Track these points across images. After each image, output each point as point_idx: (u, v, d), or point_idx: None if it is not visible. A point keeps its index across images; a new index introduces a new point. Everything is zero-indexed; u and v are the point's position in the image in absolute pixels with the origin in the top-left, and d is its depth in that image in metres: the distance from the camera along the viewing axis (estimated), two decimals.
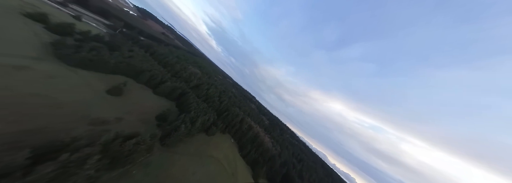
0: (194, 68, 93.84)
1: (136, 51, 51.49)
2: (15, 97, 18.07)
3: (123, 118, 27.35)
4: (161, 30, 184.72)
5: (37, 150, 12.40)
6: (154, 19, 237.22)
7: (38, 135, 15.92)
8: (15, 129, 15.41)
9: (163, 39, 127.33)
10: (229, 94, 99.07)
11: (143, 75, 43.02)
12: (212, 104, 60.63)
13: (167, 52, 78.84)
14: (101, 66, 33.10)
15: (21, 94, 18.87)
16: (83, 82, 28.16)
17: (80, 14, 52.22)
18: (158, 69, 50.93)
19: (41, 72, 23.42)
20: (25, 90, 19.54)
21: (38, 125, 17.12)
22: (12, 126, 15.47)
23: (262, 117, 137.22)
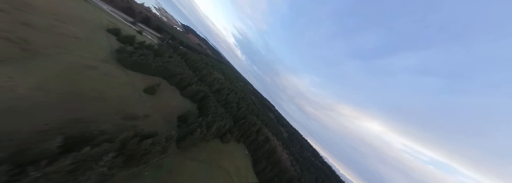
0: (218, 73, 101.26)
1: (174, 58, 60.18)
2: (78, 89, 22.32)
3: (150, 115, 29.68)
4: (197, 41, 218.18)
5: (69, 139, 13.27)
6: (194, 33, 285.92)
7: (81, 124, 18.24)
8: (69, 117, 18.27)
9: (198, 49, 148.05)
10: (248, 101, 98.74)
11: (175, 78, 48.48)
12: (230, 109, 60.77)
13: (198, 59, 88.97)
14: (145, 68, 39.24)
15: (83, 88, 23.25)
16: (129, 81, 33.42)
17: (142, 30, 67.73)
18: (188, 73, 56.82)
19: (103, 71, 29.17)
20: (87, 85, 24.09)
21: (85, 115, 19.95)
22: (68, 114, 18.45)
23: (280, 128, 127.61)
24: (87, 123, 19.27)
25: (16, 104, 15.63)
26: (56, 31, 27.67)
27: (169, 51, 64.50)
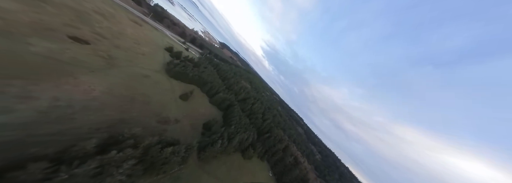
0: (245, 82, 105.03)
1: (208, 68, 68.11)
2: (133, 94, 27.09)
3: (180, 121, 31.63)
4: (230, 55, 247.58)
5: (104, 140, 14.17)
6: (228, 48, 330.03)
7: (124, 125, 20.79)
8: (119, 117, 21.51)
9: (229, 60, 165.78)
10: (274, 112, 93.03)
11: (206, 86, 53.05)
12: (254, 120, 57.87)
13: (228, 69, 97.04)
14: (183, 77, 45.28)
15: (137, 93, 28.13)
16: (170, 88, 38.84)
17: (189, 47, 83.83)
18: (217, 82, 61.42)
19: (153, 79, 35.43)
20: (140, 91, 29.13)
21: (131, 116, 23.07)
22: (119, 114, 21.84)
23: (311, 147, 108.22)
24: (129, 123, 21.94)
25: (89, 104, 19.86)
26: (132, 50, 37.49)
27: (205, 63, 74.44)
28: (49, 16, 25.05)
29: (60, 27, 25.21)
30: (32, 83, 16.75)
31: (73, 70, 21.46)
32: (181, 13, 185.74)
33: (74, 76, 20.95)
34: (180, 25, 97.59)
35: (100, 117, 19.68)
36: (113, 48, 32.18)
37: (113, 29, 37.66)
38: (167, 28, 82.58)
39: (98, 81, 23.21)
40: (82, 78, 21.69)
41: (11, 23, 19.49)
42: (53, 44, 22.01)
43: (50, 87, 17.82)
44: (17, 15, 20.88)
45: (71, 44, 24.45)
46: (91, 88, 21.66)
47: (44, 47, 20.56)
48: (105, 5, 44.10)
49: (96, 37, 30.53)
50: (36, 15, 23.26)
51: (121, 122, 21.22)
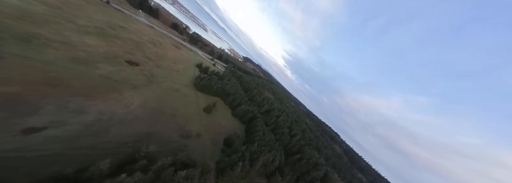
0: (268, 93, 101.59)
1: (232, 80, 70.75)
2: (163, 107, 29.03)
3: (201, 135, 30.59)
4: (252, 67, 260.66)
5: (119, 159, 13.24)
6: (250, 61, 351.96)
7: (150, 139, 20.97)
8: (146, 130, 22.30)
9: (252, 72, 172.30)
10: (302, 126, 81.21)
11: (229, 98, 53.35)
12: (280, 136, 50.71)
13: (250, 80, 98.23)
14: (208, 90, 47.42)
15: (167, 105, 30.11)
16: (196, 100, 40.70)
17: (216, 63, 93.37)
18: (240, 93, 61.22)
19: (182, 93, 38.28)
20: (170, 104, 31.21)
21: (157, 130, 23.66)
22: (147, 128, 22.76)
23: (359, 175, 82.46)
24: (154, 137, 22.16)
25: (125, 117, 21.67)
26: (169, 68, 43.64)
27: (229, 75, 78.70)
28: (117, 47, 32.90)
29: (122, 54, 32.31)
30: (88, 100, 19.87)
31: (121, 87, 25.28)
32: (212, 37, 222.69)
33: (120, 92, 24.33)
34: (210, 46, 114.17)
35: (130, 130, 20.66)
36: (155, 67, 38.18)
37: (158, 53, 46.17)
38: (200, 49, 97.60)
39: (137, 96, 26.21)
40: (126, 94, 24.94)
41: (90, 54, 26.08)
42: (113, 67, 27.52)
43: (100, 103, 20.71)
44: (96, 48, 28.15)
45: (125, 67, 30.16)
46: (130, 102, 24.25)
47: (106, 70, 25.77)
48: (156, 36, 56.98)
49: (145, 60, 37.42)
50: (108, 47, 30.94)
51: (147, 136, 21.62)
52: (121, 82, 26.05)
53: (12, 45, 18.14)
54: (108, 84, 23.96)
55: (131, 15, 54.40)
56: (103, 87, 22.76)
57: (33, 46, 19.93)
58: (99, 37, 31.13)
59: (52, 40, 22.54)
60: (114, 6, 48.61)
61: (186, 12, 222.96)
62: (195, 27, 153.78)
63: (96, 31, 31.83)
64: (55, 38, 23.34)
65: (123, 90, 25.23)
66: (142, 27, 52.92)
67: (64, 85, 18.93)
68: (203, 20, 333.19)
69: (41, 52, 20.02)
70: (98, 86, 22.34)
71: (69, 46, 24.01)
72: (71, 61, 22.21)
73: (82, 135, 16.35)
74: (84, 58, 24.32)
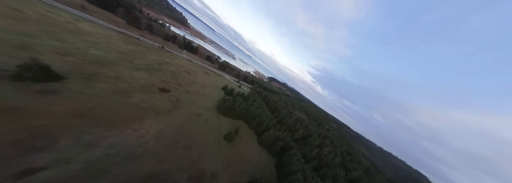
0: (300, 113, 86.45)
1: (257, 101, 66.01)
2: (180, 135, 25.79)
3: (217, 176, 23.09)
4: (278, 86, 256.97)
5: None
6: (275, 80, 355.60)
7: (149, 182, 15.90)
8: (151, 169, 17.93)
9: (278, 91, 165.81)
10: (358, 157, 56.13)
11: (254, 121, 46.32)
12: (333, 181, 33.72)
13: (277, 99, 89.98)
14: (231, 113, 43.35)
15: (184, 134, 26.88)
16: (217, 126, 36.44)
17: (241, 84, 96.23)
18: (266, 115, 53.26)
19: (204, 117, 35.69)
20: (188, 131, 28.03)
21: (162, 169, 18.91)
22: (152, 166, 18.52)
23: None
24: (157, 181, 16.99)
25: (134, 150, 18.84)
26: (196, 93, 45.28)
27: (254, 96, 75.52)
28: (156, 78, 37.75)
29: (158, 83, 36.13)
30: (107, 130, 18.98)
31: (144, 114, 24.97)
32: (239, 63, 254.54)
33: (141, 120, 23.47)
34: (236, 70, 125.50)
35: (133, 170, 16.78)
36: (183, 93, 40.01)
37: (190, 80, 50.97)
38: (227, 74, 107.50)
39: (156, 123, 24.71)
40: (146, 122, 23.87)
41: (132, 85, 29.61)
42: (145, 95, 29.48)
43: (116, 133, 19.43)
44: (139, 80, 32.51)
45: (156, 94, 32.20)
46: (146, 131, 22.31)
47: (138, 98, 27.38)
48: (192, 66, 67.05)
49: (176, 86, 40.57)
50: (149, 78, 35.69)
51: (149, 179, 16.76)
52: (147, 110, 26.18)
53: (74, 83, 21.96)
54: (134, 112, 24.09)
55: (177, 54, 69.84)
56: (128, 116, 22.61)
57: (90, 82, 23.85)
58: (145, 71, 37.36)
59: (107, 77, 27.26)
60: (166, 49, 64.59)
61: (220, 48, 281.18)
62: (225, 57, 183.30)
63: (145, 67, 38.97)
64: (111, 75, 28.42)
65: (146, 117, 24.55)
66: (182, 61, 64.78)
67: (93, 116, 19.28)
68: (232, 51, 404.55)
69: (93, 87, 23.35)
70: (124, 115, 22.39)
71: (118, 80, 28.28)
72: (112, 92, 24.82)
73: (76, 178, 13.34)
74: (125, 89, 27.28)
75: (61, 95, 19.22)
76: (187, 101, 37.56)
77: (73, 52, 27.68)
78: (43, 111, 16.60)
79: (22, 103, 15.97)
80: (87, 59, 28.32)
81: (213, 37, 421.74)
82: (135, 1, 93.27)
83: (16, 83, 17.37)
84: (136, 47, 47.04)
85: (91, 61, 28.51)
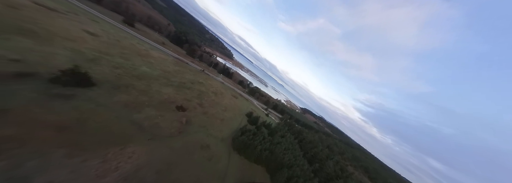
0: (357, 171, 55.48)
1: (287, 137, 50.07)
2: (162, 181, 16.60)
3: None
4: (313, 120, 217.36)
5: None
6: (310, 113, 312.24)
7: None
8: None
9: (314, 126, 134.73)
10: None
11: (281, 173, 30.04)
12: None
13: (317, 139, 66.99)
14: (249, 151, 31.09)
15: (168, 179, 17.55)
16: (222, 171, 24.76)
17: (269, 113, 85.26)
18: (301, 166, 35.04)
19: (210, 153, 26.07)
20: (175, 175, 18.72)
21: None
22: None
23: None
24: None
25: None
26: (215, 116, 39.50)
27: (284, 129, 60.16)
28: (181, 95, 36.84)
29: (179, 100, 34.19)
30: (67, 155, 13.69)
31: (135, 137, 19.54)
32: (270, 90, 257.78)
33: (124, 145, 17.58)
34: (266, 96, 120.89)
35: None
36: (200, 114, 35.17)
37: (214, 101, 48.30)
38: (256, 99, 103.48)
39: (139, 153, 17.88)
40: (129, 149, 17.66)
41: (151, 99, 28.18)
42: (157, 112, 26.15)
43: (74, 163, 13.58)
44: (163, 95, 31.68)
45: (170, 112, 28.61)
46: (116, 167, 15.28)
47: (146, 114, 23.94)
48: (222, 88, 68.63)
49: (196, 106, 37.26)
50: (174, 95, 34.93)
51: None
52: (143, 131, 21.09)
53: (98, 91, 21.88)
54: (127, 132, 19.28)
55: (213, 76, 77.46)
56: (114, 136, 17.67)
57: (114, 92, 23.65)
58: (175, 88, 38.17)
59: (135, 89, 27.57)
60: (206, 72, 73.49)
61: (254, 75, 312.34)
62: (257, 83, 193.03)
63: (177, 84, 40.65)
64: (141, 87, 29.01)
65: (134, 142, 18.72)
66: (215, 83, 68.72)
67: (72, 131, 15.42)
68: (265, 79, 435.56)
69: (111, 97, 22.51)
70: (112, 134, 17.73)
71: (142, 93, 27.90)
72: (125, 105, 22.92)
73: None
74: (140, 103, 25.47)
75: (68, 101, 18.07)
76: (199, 124, 31.27)
77: (126, 67, 32.47)
78: (27, 116, 14.32)
79: (17, 105, 14.61)
80: (132, 73, 31.81)
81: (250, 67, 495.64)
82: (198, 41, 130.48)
83: (45, 85, 17.92)
84: (181, 69, 54.60)
85: (134, 75, 31.55)
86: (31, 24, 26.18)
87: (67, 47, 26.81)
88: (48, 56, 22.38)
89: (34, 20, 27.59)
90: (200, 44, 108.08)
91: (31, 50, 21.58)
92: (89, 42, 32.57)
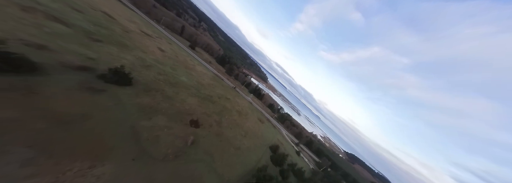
0: None
1: None
2: None
3: None
4: (371, 179, 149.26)
5: None
6: (362, 164, 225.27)
7: None
8: None
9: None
10: None
11: None
12: None
13: None
14: None
15: None
16: None
17: (301, 151, 65.56)
18: None
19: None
20: None
21: None
22: None
23: None
24: None
25: None
26: (230, 141, 32.05)
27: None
28: (202, 108, 34.44)
29: (197, 114, 31.23)
30: (31, 164, 10.56)
31: (118, 152, 15.46)
32: (303, 120, 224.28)
33: (95, 164, 13.40)
34: (298, 127, 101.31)
35: None
36: (213, 135, 29.33)
37: (236, 121, 42.44)
38: (285, 128, 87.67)
39: (107, 179, 12.70)
40: (99, 168, 13.28)
41: (170, 107, 26.59)
42: (166, 122, 23.14)
43: (19, 176, 9.98)
44: (184, 105, 30.13)
45: (180, 125, 24.98)
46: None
47: (153, 123, 21.14)
48: (248, 109, 63.61)
49: (213, 124, 32.51)
50: (196, 106, 32.96)
51: None
52: (136, 144, 17.18)
53: (128, 90, 22.60)
54: (117, 142, 15.91)
55: (243, 95, 76.74)
56: (96, 146, 14.44)
57: (141, 93, 23.98)
58: (200, 99, 37.16)
59: (163, 94, 27.77)
60: (237, 90, 74.57)
61: (287, 101, 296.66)
62: (289, 110, 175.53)
63: (203, 96, 40.08)
64: (168, 94, 29.25)
65: (113, 159, 14.53)
66: (242, 101, 65.89)
67: (63, 128, 13.54)
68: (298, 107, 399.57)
69: (136, 98, 22.41)
70: (97, 142, 14.74)
71: (165, 99, 27.37)
72: (140, 108, 21.77)
73: None
74: (157, 109, 23.98)
75: (93, 95, 18.29)
76: (206, 150, 24.58)
77: (168, 74, 36.13)
78: (42, 102, 14.08)
79: (48, 90, 15.19)
80: (170, 80, 34.37)
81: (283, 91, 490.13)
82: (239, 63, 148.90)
83: (91, 79, 19.83)
84: (214, 83, 57.47)
85: (170, 82, 33.72)
86: (126, 40, 36.66)
87: (136, 56, 33.80)
88: (117, 59, 27.78)
89: (131, 39, 38.99)
90: (239, 65, 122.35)
91: (110, 54, 27.76)
92: (155, 55, 41.06)
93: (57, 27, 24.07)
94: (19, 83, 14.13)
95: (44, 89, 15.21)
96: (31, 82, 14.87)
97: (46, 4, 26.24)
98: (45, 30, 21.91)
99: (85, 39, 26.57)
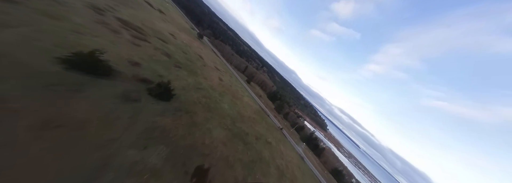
0: None
1: None
2: None
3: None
4: None
5: None
6: None
7: None
8: None
9: None
10: None
11: None
12: None
13: None
14: None
15: None
16: None
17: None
18: None
19: None
20: None
21: None
22: None
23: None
24: None
25: None
26: None
27: None
28: (226, 150, 25.99)
29: (214, 158, 22.73)
30: None
31: None
32: None
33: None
34: None
35: None
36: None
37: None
38: None
39: None
40: None
41: (187, 138, 21.17)
42: (158, 162, 16.56)
43: None
44: (205, 139, 23.82)
45: (175, 172, 17.02)
46: None
47: (140, 158, 15.35)
48: (296, 166, 42.95)
49: (224, 174, 20.79)
50: (219, 144, 25.40)
51: None
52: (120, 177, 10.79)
53: (160, 106, 21.55)
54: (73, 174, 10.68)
55: (291, 142, 58.32)
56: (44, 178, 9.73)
57: (169, 113, 22.03)
58: (230, 135, 29.80)
59: (190, 118, 24.60)
60: (283, 132, 59.58)
61: (364, 170, 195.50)
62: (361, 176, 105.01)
63: (236, 132, 32.49)
64: (196, 118, 25.92)
65: None
66: (290, 152, 47.72)
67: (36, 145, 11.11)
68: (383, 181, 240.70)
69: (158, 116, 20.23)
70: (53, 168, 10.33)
71: (188, 126, 23.31)
72: (149, 130, 18.11)
73: None
74: (166, 135, 19.45)
75: (123, 105, 17.69)
76: None
77: (212, 99, 35.79)
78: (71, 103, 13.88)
79: (89, 91, 15.91)
80: (210, 105, 32.90)
81: (354, 151, 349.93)
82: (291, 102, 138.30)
83: (139, 89, 21.22)
84: (257, 117, 50.10)
85: (209, 107, 31.86)
86: (198, 70, 46.19)
87: (196, 80, 39.02)
88: (179, 79, 32.29)
89: (202, 69, 49.27)
90: (291, 104, 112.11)
91: (177, 75, 33.40)
92: (213, 82, 46.54)
93: (161, 57, 34.23)
94: (78, 81, 16.05)
95: (89, 89, 16.17)
96: (89, 82, 16.74)
97: (169, 48, 40.74)
98: (152, 58, 31.12)
99: (171, 65, 34.88)
